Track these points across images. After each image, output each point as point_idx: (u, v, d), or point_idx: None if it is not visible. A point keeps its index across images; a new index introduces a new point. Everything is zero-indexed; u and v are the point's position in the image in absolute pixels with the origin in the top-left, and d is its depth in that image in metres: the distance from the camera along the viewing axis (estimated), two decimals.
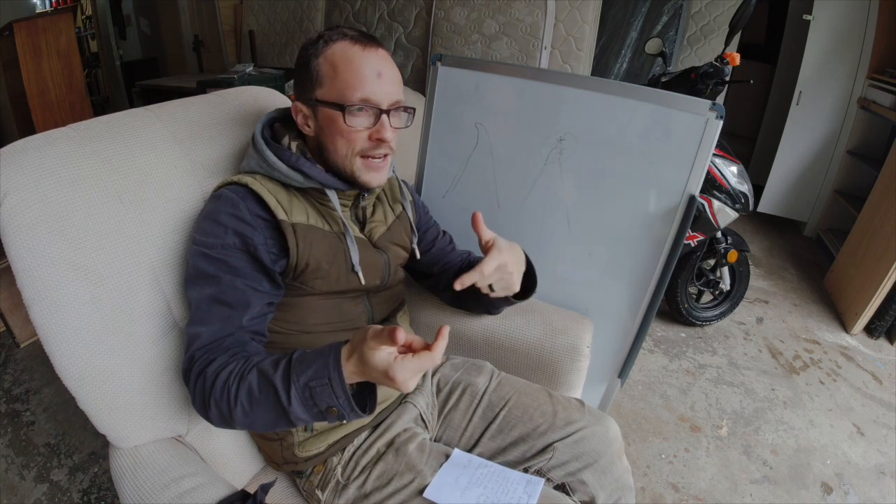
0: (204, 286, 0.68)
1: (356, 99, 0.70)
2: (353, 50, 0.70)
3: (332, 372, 0.57)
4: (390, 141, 0.73)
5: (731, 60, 1.63)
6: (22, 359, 1.82)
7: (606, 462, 0.82)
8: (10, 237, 0.62)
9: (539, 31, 2.16)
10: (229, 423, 0.64)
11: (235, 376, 0.62)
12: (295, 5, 2.87)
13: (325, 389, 0.57)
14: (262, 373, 0.61)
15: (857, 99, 2.55)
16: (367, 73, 0.70)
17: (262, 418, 0.62)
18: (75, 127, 0.73)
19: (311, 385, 0.58)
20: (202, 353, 0.65)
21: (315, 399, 0.58)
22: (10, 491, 1.34)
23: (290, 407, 0.58)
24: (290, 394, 0.58)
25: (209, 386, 0.63)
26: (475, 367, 0.97)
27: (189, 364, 0.66)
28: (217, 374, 0.63)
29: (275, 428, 0.64)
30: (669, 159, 0.99)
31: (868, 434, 1.60)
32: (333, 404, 0.58)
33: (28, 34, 2.60)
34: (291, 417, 0.60)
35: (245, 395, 0.61)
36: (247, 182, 0.72)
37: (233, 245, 0.68)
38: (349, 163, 0.74)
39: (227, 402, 0.61)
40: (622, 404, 1.67)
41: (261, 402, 0.60)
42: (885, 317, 2.00)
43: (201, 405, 0.65)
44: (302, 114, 0.75)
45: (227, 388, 0.62)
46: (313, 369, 0.58)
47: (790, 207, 2.92)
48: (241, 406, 0.61)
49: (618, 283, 1.11)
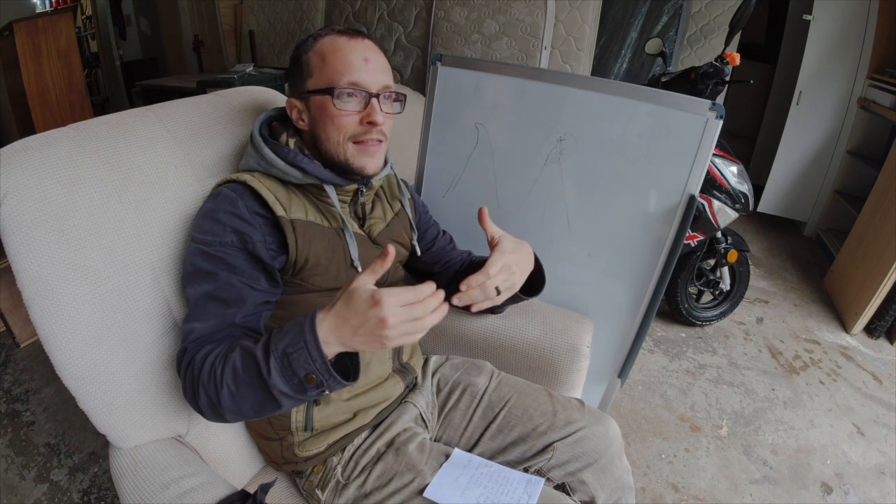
0: (201, 283, 0.68)
1: (344, 83, 0.71)
2: (339, 40, 0.73)
3: (308, 334, 0.56)
4: (381, 125, 0.74)
5: (731, 60, 1.63)
6: (22, 359, 1.82)
7: (606, 462, 0.82)
8: (10, 237, 0.62)
9: (539, 31, 2.16)
10: (218, 409, 0.62)
11: (220, 358, 0.62)
12: (295, 5, 2.87)
13: (302, 353, 0.56)
14: (244, 349, 0.61)
15: (857, 99, 2.55)
16: (354, 59, 0.72)
17: (249, 399, 0.60)
18: (75, 127, 0.73)
19: (289, 351, 0.56)
20: (194, 345, 0.65)
21: (293, 366, 0.56)
22: (10, 491, 1.34)
23: (270, 378, 0.56)
24: (270, 363, 0.57)
25: (197, 372, 0.62)
26: (475, 367, 0.97)
27: (181, 356, 0.66)
28: (205, 358, 0.63)
29: (261, 412, 0.61)
30: (669, 159, 0.99)
31: (868, 434, 1.60)
32: (311, 370, 0.56)
33: (28, 34, 2.60)
34: (274, 392, 0.57)
35: (230, 374, 0.60)
36: (245, 179, 0.72)
37: (231, 243, 0.68)
38: (342, 149, 0.74)
39: (213, 385, 0.61)
40: (622, 404, 1.67)
41: (245, 380, 0.59)
42: (885, 317, 2.00)
43: (191, 394, 0.64)
44: (296, 109, 0.76)
45: (213, 371, 0.61)
46: (290, 335, 0.57)
47: (790, 207, 2.92)
48: (227, 387, 0.60)
49: (618, 283, 1.11)
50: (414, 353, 0.95)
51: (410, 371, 0.91)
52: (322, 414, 0.78)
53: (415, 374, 0.93)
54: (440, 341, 1.08)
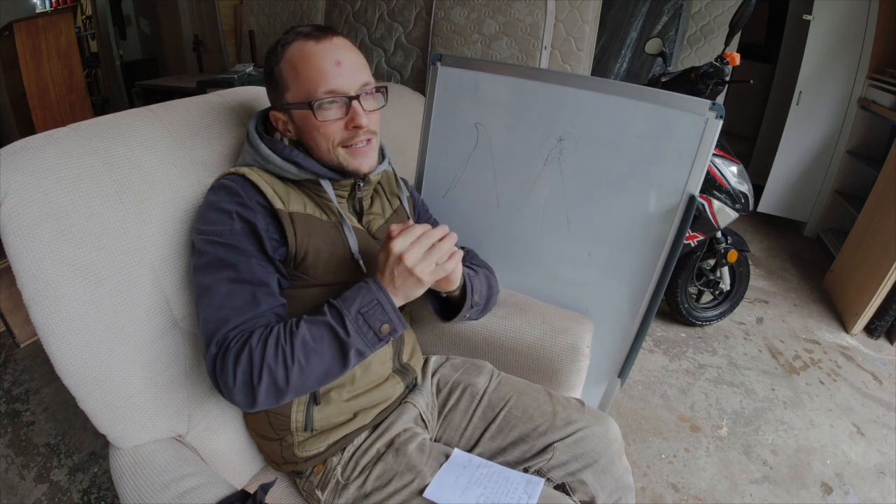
0: (220, 270, 0.68)
1: (321, 93, 0.70)
2: (307, 46, 0.71)
3: (378, 293, 0.66)
4: (367, 125, 0.73)
5: (731, 60, 1.63)
6: (22, 359, 1.82)
7: (606, 462, 0.82)
8: (10, 237, 0.62)
9: (539, 31, 2.16)
10: (281, 390, 0.64)
11: (286, 335, 0.64)
12: (295, 5, 2.87)
13: (377, 310, 0.65)
14: (311, 322, 0.66)
15: (857, 99, 2.55)
16: (326, 66, 0.71)
17: (317, 368, 0.65)
18: (75, 127, 0.73)
19: (364, 311, 0.65)
20: (235, 333, 0.65)
21: (369, 322, 0.65)
22: (10, 491, 1.34)
23: (349, 339, 0.64)
24: (347, 326, 0.64)
25: (259, 355, 0.63)
26: (475, 367, 0.97)
27: (220, 348, 0.65)
28: (265, 340, 0.64)
29: (325, 380, 0.67)
30: (669, 159, 0.99)
31: (868, 434, 1.60)
32: (386, 320, 0.65)
33: (28, 34, 2.60)
34: (350, 352, 0.65)
35: (300, 348, 0.64)
36: (244, 172, 0.73)
37: (241, 231, 0.69)
38: (333, 155, 0.75)
39: (283, 364, 0.63)
40: (622, 404, 1.67)
41: (316, 349, 0.64)
42: (885, 317, 2.00)
43: (246, 383, 0.63)
44: (281, 121, 0.76)
45: (280, 350, 0.63)
46: (359, 299, 0.66)
47: (790, 207, 2.92)
48: (298, 362, 0.63)
49: (618, 283, 1.11)
50: (414, 354, 0.95)
51: (410, 371, 0.91)
52: (322, 414, 0.78)
53: (415, 375, 0.93)
54: (440, 341, 1.08)
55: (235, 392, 0.64)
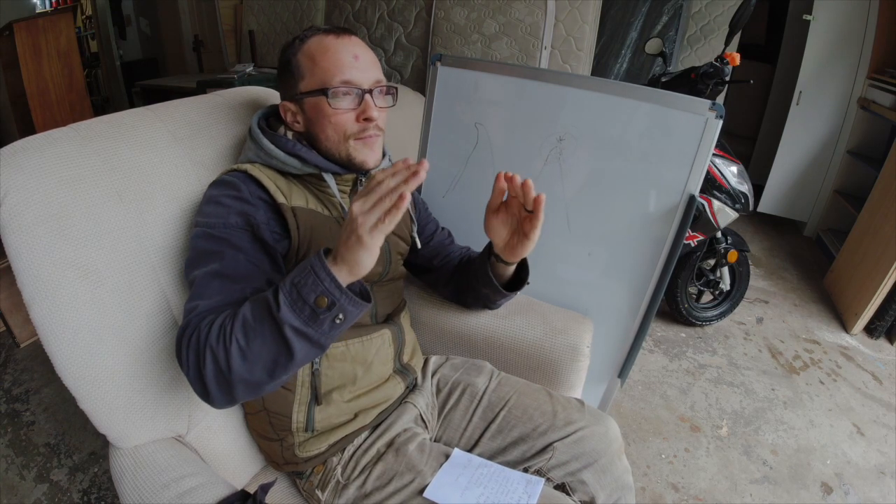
0: (206, 263, 0.66)
1: (337, 82, 0.72)
2: (327, 40, 0.74)
3: (314, 261, 0.56)
4: (377, 119, 0.75)
5: (731, 60, 1.63)
6: (22, 359, 1.82)
7: (606, 462, 0.82)
8: (10, 237, 0.62)
9: (539, 31, 2.16)
10: (227, 379, 0.58)
11: (230, 316, 0.60)
12: (295, 5, 2.87)
13: (309, 277, 0.55)
14: (253, 300, 0.60)
15: (857, 99, 2.55)
16: (344, 58, 0.73)
17: (261, 355, 0.58)
18: (75, 127, 0.73)
19: (296, 281, 0.56)
20: (196, 318, 0.62)
21: (302, 294, 0.55)
22: (10, 491, 1.34)
23: (280, 313, 0.55)
24: (279, 299, 0.56)
25: (203, 337, 0.59)
26: (475, 367, 0.97)
27: (181, 332, 0.62)
28: (211, 323, 0.60)
29: (275, 372, 0.59)
30: (669, 159, 0.99)
31: (868, 434, 1.60)
32: (320, 290, 0.55)
33: (28, 34, 2.60)
34: (286, 332, 0.56)
35: (240, 328, 0.58)
36: (246, 168, 0.74)
37: (236, 224, 0.68)
38: (343, 147, 0.76)
39: (223, 344, 0.57)
40: (622, 404, 1.67)
41: (256, 329, 0.57)
42: (885, 317, 2.00)
43: (195, 367, 0.59)
44: (290, 112, 0.77)
45: (223, 330, 0.58)
46: (296, 270, 0.57)
47: (790, 207, 2.92)
48: (237, 342, 0.57)
49: (618, 283, 1.11)
50: (414, 354, 0.95)
51: (411, 372, 0.91)
52: (323, 414, 0.78)
53: (415, 375, 0.93)
54: (440, 341, 1.08)
55: (191, 379, 0.61)
